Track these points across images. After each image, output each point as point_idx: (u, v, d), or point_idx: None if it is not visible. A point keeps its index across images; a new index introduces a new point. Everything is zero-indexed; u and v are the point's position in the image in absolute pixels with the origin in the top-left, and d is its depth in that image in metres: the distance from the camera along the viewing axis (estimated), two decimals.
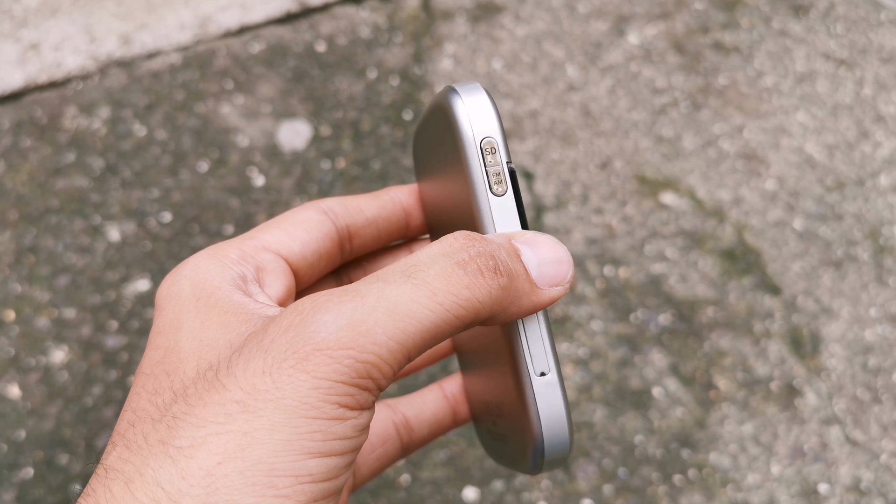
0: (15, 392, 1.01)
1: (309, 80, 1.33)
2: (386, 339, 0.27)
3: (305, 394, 0.26)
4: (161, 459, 0.26)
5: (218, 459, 0.25)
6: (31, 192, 1.18)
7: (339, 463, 0.27)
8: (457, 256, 0.28)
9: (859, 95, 1.38)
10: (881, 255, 1.20)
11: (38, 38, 1.35)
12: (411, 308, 0.27)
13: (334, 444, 0.26)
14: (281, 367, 0.26)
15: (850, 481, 1.01)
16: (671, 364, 1.08)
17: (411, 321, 0.27)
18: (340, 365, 0.26)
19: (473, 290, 0.28)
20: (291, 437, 0.26)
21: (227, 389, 0.26)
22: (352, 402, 0.27)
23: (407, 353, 0.27)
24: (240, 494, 0.25)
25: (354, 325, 0.26)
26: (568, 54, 1.40)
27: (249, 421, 0.26)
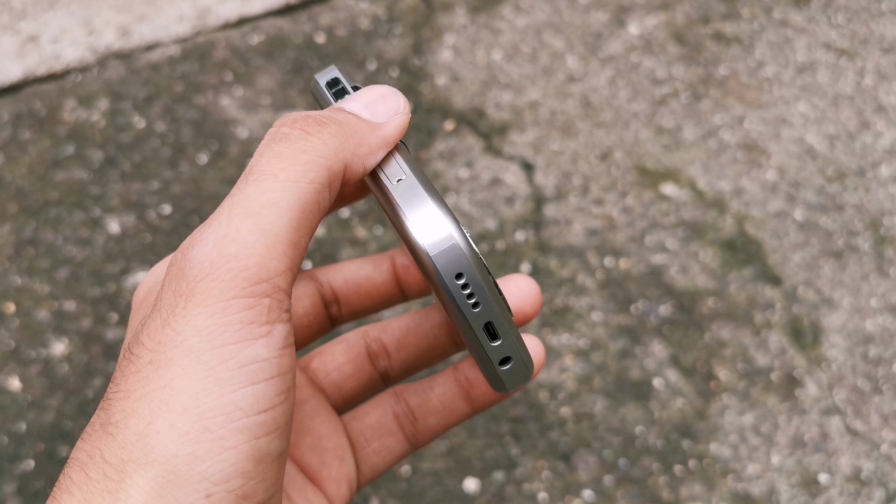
0: (15, 384, 1.01)
1: (308, 72, 1.33)
2: (255, 238, 0.26)
3: (204, 326, 0.26)
4: (104, 439, 0.26)
5: (147, 420, 0.25)
6: (31, 184, 1.18)
7: (267, 390, 0.26)
8: (279, 133, 0.28)
9: (860, 86, 1.38)
10: (882, 245, 1.20)
11: (36, 30, 1.35)
12: (263, 199, 0.27)
13: (253, 369, 0.26)
14: (174, 314, 0.26)
15: (850, 471, 1.01)
16: (672, 355, 1.08)
17: (270, 210, 0.27)
18: (225, 283, 0.26)
19: (309, 151, 0.28)
20: (206, 375, 0.25)
21: (139, 356, 0.26)
22: (253, 315, 0.26)
23: (286, 241, 0.27)
24: (175, 446, 0.25)
25: (220, 242, 0.26)
26: (568, 45, 1.40)
27: (164, 374, 0.26)
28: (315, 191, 0.28)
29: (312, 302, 0.38)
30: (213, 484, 0.25)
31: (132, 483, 0.25)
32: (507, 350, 0.32)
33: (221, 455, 0.25)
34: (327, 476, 0.36)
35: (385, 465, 0.38)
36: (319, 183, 0.28)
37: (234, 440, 0.25)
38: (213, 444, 0.25)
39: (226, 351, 0.25)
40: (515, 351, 0.33)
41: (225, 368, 0.25)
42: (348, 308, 0.39)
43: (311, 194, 0.28)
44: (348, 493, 0.36)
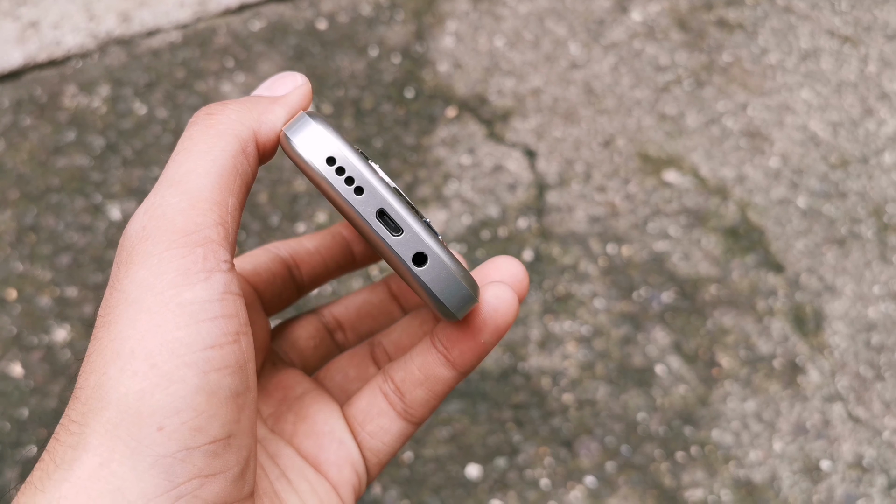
0: (18, 370, 1.01)
1: (310, 58, 1.32)
2: (178, 199, 0.28)
3: (142, 279, 0.27)
4: (71, 405, 0.28)
5: (102, 371, 0.27)
6: (32, 170, 1.18)
7: (212, 329, 0.27)
8: (189, 123, 0.31)
9: (864, 73, 1.37)
10: (885, 232, 1.19)
11: (37, 16, 1.34)
12: (182, 170, 0.29)
13: (194, 309, 0.27)
14: (119, 278, 0.28)
15: (852, 458, 1.01)
16: (674, 342, 1.08)
17: (189, 176, 0.29)
18: (156, 239, 0.27)
19: (215, 125, 0.30)
20: (150, 318, 0.26)
21: (95, 328, 0.28)
22: (188, 264, 0.27)
23: (209, 198, 0.29)
24: (125, 386, 0.26)
25: (149, 210, 0.28)
26: (570, 32, 1.39)
27: (112, 330, 0.27)
28: (229, 155, 0.30)
29: (316, 328, 0.41)
30: (164, 416, 0.26)
31: (91, 431, 0.26)
32: (415, 244, 0.30)
33: (170, 388, 0.26)
34: (326, 460, 0.36)
35: (386, 448, 0.37)
36: (232, 149, 0.30)
37: (182, 374, 0.26)
38: (162, 379, 0.26)
39: (165, 295, 0.27)
40: (432, 250, 0.30)
41: (167, 310, 0.27)
42: (353, 331, 0.42)
43: (226, 159, 0.30)
44: (354, 476, 0.36)
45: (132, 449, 0.25)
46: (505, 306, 0.33)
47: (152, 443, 0.26)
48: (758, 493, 0.98)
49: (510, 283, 0.35)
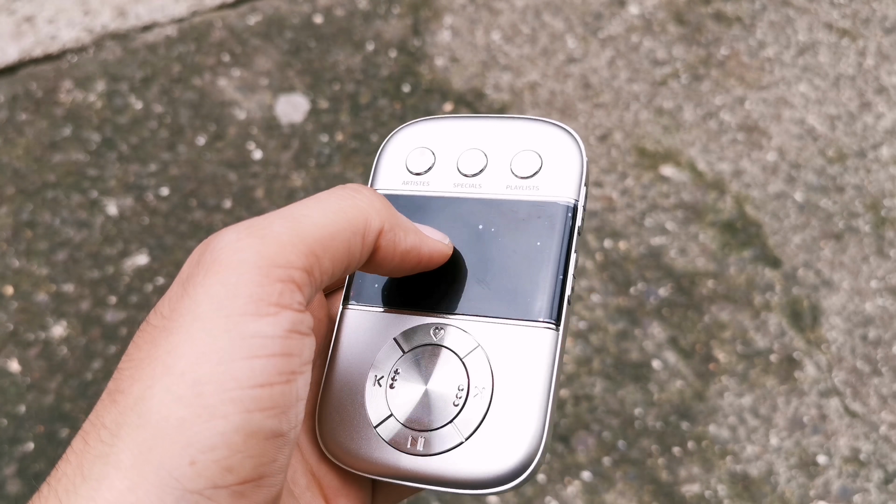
0: (15, 367, 1.01)
1: (306, 53, 1.32)
2: (282, 231, 0.28)
3: (216, 294, 0.26)
4: (107, 405, 0.27)
5: (148, 384, 0.26)
6: (28, 166, 1.18)
7: (266, 366, 0.26)
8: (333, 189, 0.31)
9: (861, 66, 1.37)
10: (882, 227, 1.19)
11: (32, 10, 1.34)
12: (300, 210, 0.29)
13: (254, 343, 0.26)
14: (192, 283, 0.27)
15: (848, 452, 1.01)
16: (671, 337, 1.08)
17: (303, 218, 0.28)
18: (245, 258, 0.27)
19: (355, 198, 0.30)
20: (209, 342, 0.26)
21: (154, 325, 0.27)
22: (263, 294, 0.27)
23: (310, 246, 0.28)
24: (168, 409, 0.25)
25: (251, 227, 0.28)
26: (567, 25, 1.39)
27: (171, 340, 0.26)
28: (349, 227, 0.29)
29: None
30: (199, 451, 0.25)
31: (123, 447, 0.25)
32: None
33: (210, 422, 0.25)
34: (343, 497, 0.36)
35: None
36: (355, 224, 0.30)
37: (225, 409, 0.25)
38: (204, 411, 0.25)
39: (230, 321, 0.26)
40: None
41: (227, 338, 0.26)
42: None
43: (346, 230, 0.29)
44: None
45: (161, 479, 0.25)
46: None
47: (182, 476, 0.25)
48: (754, 487, 0.98)
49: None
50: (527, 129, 0.36)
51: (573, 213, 0.34)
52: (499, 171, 0.35)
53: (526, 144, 0.35)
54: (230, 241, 0.27)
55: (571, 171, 0.34)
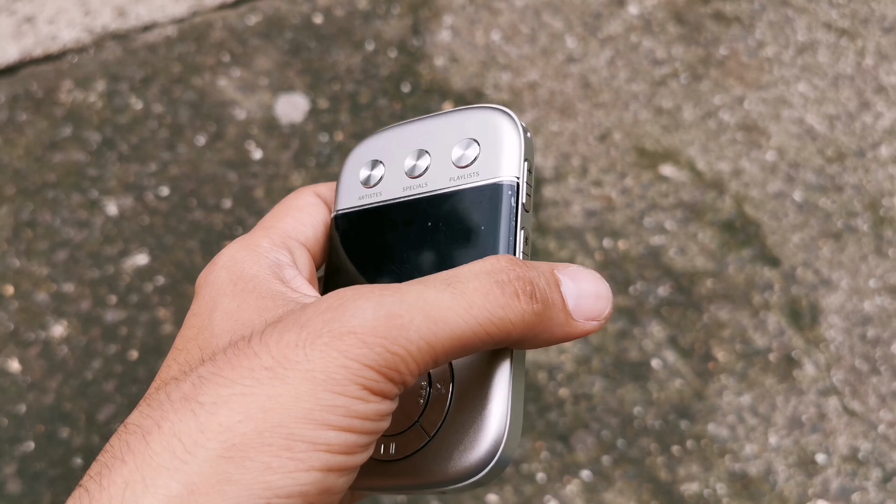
0: (15, 366, 1.02)
1: (306, 53, 1.32)
2: (418, 337, 0.28)
3: (334, 370, 0.27)
4: (182, 413, 0.26)
5: (239, 418, 0.26)
6: (28, 166, 1.18)
7: (357, 441, 0.27)
8: (498, 276, 0.29)
9: (860, 66, 1.37)
10: (881, 226, 1.19)
11: (32, 11, 1.34)
12: (446, 315, 0.28)
13: (354, 421, 0.27)
14: (315, 342, 0.27)
15: (847, 451, 1.01)
16: (670, 336, 1.08)
17: (444, 326, 0.28)
18: (371, 350, 0.27)
19: (508, 310, 0.29)
20: (314, 407, 0.26)
21: (258, 356, 0.27)
22: (376, 387, 0.27)
23: (435, 355, 0.28)
24: (255, 452, 0.26)
25: (391, 317, 0.28)
26: (567, 25, 1.39)
27: (276, 387, 0.26)
28: (485, 342, 0.29)
29: None
30: (276, 495, 0.26)
31: (198, 469, 0.25)
32: None
33: (293, 474, 0.26)
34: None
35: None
36: (493, 339, 0.29)
37: (310, 464, 0.26)
38: (290, 463, 0.26)
39: (340, 399, 0.27)
40: None
41: (332, 412, 0.26)
42: None
43: (480, 341, 0.29)
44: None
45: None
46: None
47: None
48: (753, 486, 0.98)
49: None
50: (464, 119, 0.36)
51: (514, 189, 0.34)
52: (441, 166, 0.36)
53: (464, 134, 0.36)
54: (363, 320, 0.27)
55: (509, 150, 0.35)
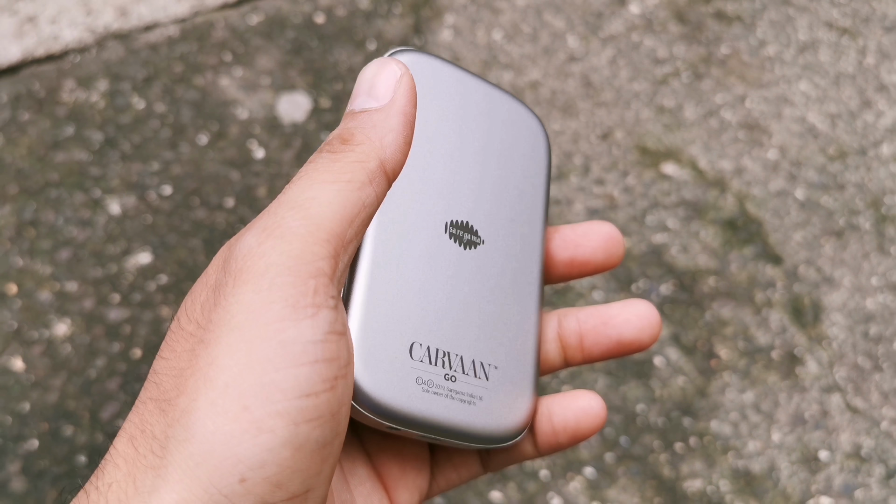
0: (19, 365, 1.02)
1: (308, 52, 1.32)
2: (299, 224, 0.27)
3: (250, 303, 0.26)
4: (155, 415, 0.26)
5: (192, 397, 0.25)
6: (31, 165, 1.18)
7: (311, 375, 0.26)
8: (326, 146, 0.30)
9: (862, 64, 1.37)
10: (883, 224, 1.20)
11: (34, 10, 1.34)
12: (305, 195, 0.28)
13: (295, 350, 0.26)
14: (225, 292, 0.27)
15: (850, 448, 1.01)
16: (673, 334, 1.08)
17: (312, 202, 0.28)
18: (271, 262, 0.26)
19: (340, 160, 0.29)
20: (249, 352, 0.25)
21: (192, 333, 0.27)
22: (298, 296, 0.26)
23: (328, 229, 0.28)
24: (214, 423, 0.25)
25: (267, 227, 0.27)
26: (569, 24, 1.39)
27: (210, 352, 0.26)
28: (355, 187, 0.29)
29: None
30: (248, 468, 0.25)
31: (172, 461, 0.25)
32: None
33: (258, 438, 0.25)
34: (403, 485, 0.36)
35: (459, 481, 0.38)
36: (358, 181, 0.29)
37: (272, 423, 0.25)
38: (251, 426, 0.25)
39: (270, 329, 0.25)
40: None
41: (268, 347, 0.25)
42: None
43: (352, 191, 0.28)
44: (417, 501, 0.36)
45: (211, 496, 0.24)
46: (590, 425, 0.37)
47: (231, 493, 0.25)
48: (756, 483, 0.98)
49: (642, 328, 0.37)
50: None
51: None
52: None
53: None
54: (252, 247, 0.27)
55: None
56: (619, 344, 0.38)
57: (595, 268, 0.39)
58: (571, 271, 0.41)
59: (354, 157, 0.29)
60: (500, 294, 0.36)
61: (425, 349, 0.33)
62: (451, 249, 0.35)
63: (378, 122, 0.31)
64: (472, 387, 0.34)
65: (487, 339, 0.35)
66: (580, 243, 0.39)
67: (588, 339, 0.38)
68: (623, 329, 0.38)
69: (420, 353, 0.33)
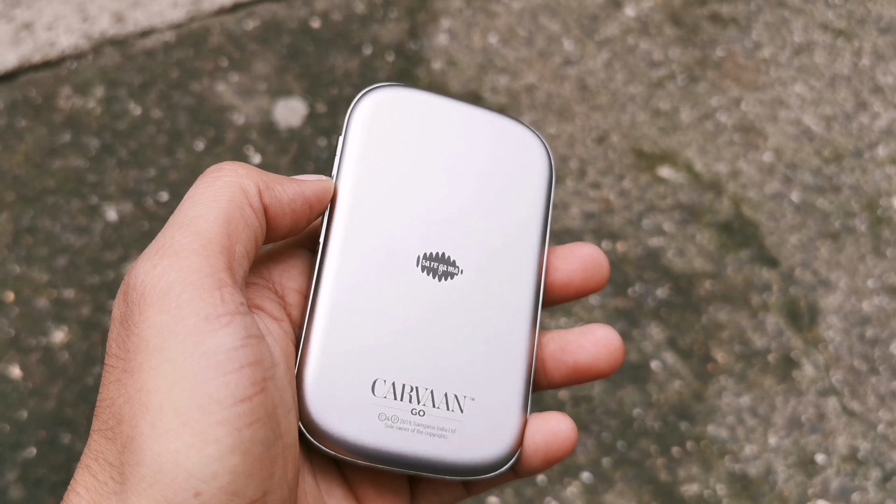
0: (16, 372, 1.02)
1: (304, 57, 1.32)
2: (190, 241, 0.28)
3: (162, 325, 0.26)
4: (105, 444, 0.27)
5: (133, 424, 0.26)
6: (28, 172, 1.18)
7: (241, 380, 0.26)
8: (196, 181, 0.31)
9: (857, 66, 1.38)
10: (878, 226, 1.20)
11: (31, 17, 1.34)
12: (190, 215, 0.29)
13: (219, 359, 0.26)
14: (134, 320, 0.27)
15: (847, 451, 1.02)
16: (669, 337, 1.08)
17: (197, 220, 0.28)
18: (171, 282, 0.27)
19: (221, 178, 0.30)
20: (175, 370, 0.26)
21: (114, 367, 0.28)
22: (208, 308, 0.26)
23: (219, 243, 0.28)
24: (159, 445, 0.25)
25: (160, 250, 0.28)
26: (564, 28, 1.39)
27: (137, 379, 0.26)
28: (236, 206, 0.29)
29: None
30: (201, 481, 0.25)
31: (129, 486, 0.25)
32: None
33: (205, 450, 0.25)
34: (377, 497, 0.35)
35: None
36: (237, 200, 0.30)
37: (216, 433, 0.25)
38: (195, 439, 0.25)
39: (188, 344, 0.26)
40: None
41: (192, 361, 0.26)
42: None
43: (233, 209, 0.29)
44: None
45: None
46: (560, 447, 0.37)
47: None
48: (753, 487, 0.98)
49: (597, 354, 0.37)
50: None
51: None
52: None
53: None
54: (148, 271, 0.27)
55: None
56: (575, 370, 0.37)
57: (576, 292, 0.39)
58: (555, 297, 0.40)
59: (236, 177, 0.30)
60: (481, 323, 0.35)
61: (390, 385, 0.33)
62: (422, 282, 0.35)
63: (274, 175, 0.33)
64: (444, 420, 0.34)
65: (462, 371, 0.34)
66: (558, 266, 0.38)
67: (548, 364, 0.38)
68: (578, 355, 0.37)
69: (384, 389, 0.33)
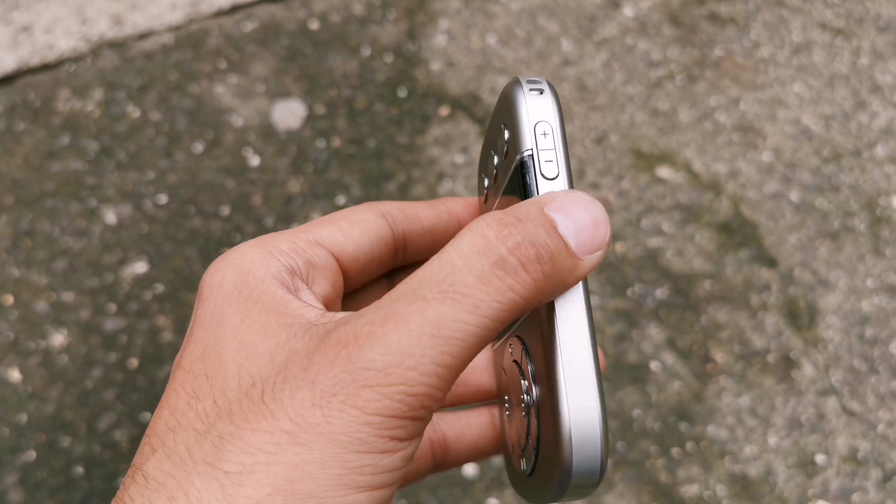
0: (16, 376, 1.02)
1: (302, 59, 1.32)
2: (434, 367, 0.26)
3: (357, 429, 0.26)
4: (207, 481, 0.25)
5: (267, 491, 0.25)
6: (27, 175, 1.18)
7: (386, 495, 0.27)
8: (493, 253, 0.26)
9: (856, 65, 1.38)
10: (878, 225, 1.20)
11: (29, 20, 1.34)
12: (455, 327, 0.26)
13: (383, 476, 0.26)
14: (331, 401, 0.26)
15: (846, 451, 1.01)
16: (668, 338, 1.08)
17: (457, 342, 0.26)
18: (392, 401, 0.26)
19: (517, 289, 0.26)
20: (342, 473, 0.25)
21: (276, 418, 0.26)
22: (403, 433, 0.26)
23: (455, 372, 0.27)
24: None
25: (402, 358, 0.26)
26: (562, 28, 1.39)
27: (300, 454, 0.25)
28: (497, 328, 0.27)
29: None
30: None
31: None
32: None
33: None
34: None
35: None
36: (503, 322, 0.27)
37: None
38: None
39: (367, 458, 0.26)
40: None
41: (361, 472, 0.26)
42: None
43: (495, 333, 0.27)
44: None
45: None
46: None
47: None
48: (753, 487, 0.98)
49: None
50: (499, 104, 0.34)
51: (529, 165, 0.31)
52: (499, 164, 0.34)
53: (500, 121, 0.33)
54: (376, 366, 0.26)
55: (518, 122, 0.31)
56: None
57: None
58: None
59: (525, 294, 0.27)
60: None
61: None
62: None
63: (565, 271, 0.28)
64: None
65: None
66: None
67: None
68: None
69: None
